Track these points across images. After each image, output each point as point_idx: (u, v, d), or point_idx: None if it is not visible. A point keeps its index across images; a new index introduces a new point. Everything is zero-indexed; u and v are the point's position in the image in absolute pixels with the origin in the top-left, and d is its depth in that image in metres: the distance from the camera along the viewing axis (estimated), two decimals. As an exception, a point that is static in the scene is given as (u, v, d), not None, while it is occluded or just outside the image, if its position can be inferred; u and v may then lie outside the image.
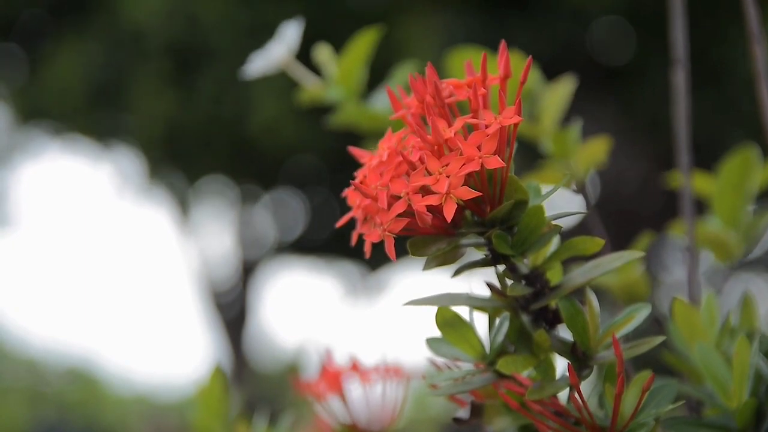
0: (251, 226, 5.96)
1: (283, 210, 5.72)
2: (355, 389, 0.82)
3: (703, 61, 3.82)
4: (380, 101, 0.91)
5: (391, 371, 0.82)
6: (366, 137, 0.91)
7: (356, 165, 0.60)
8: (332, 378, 0.81)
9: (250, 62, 0.90)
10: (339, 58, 0.91)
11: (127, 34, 4.22)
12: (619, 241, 0.91)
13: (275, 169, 5.02)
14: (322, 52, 0.92)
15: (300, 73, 0.91)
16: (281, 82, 3.18)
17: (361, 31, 0.89)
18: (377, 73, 0.93)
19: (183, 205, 5.79)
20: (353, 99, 0.91)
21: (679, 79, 0.87)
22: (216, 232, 6.13)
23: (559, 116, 0.87)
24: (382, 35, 0.89)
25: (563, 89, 0.86)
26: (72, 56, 4.35)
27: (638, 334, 0.59)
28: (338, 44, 0.92)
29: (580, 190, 0.86)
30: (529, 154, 0.58)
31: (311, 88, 0.91)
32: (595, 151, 0.87)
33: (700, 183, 0.89)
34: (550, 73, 0.88)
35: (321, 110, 0.94)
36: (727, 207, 0.85)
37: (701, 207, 0.90)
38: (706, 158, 1.09)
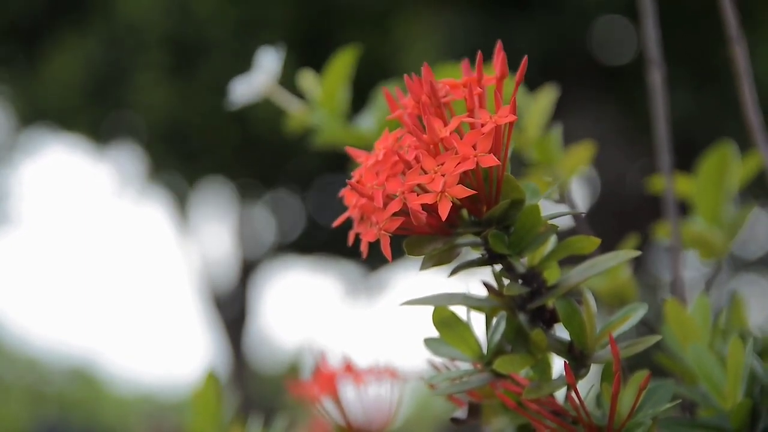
0: (251, 225, 5.95)
1: (284, 210, 5.72)
2: (350, 390, 0.82)
3: (706, 62, 3.82)
4: (365, 122, 0.90)
5: (386, 372, 0.82)
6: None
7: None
8: (326, 380, 0.80)
9: (233, 90, 0.90)
10: (321, 78, 0.90)
11: (124, 30, 4.23)
12: (620, 242, 0.91)
13: (276, 167, 5.01)
14: (306, 78, 0.91)
15: (284, 98, 0.91)
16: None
17: (353, 37, 0.88)
18: (378, 74, 0.93)
19: (183, 205, 5.79)
20: (337, 119, 0.90)
21: (655, 78, 0.86)
22: (216, 232, 6.13)
23: (543, 125, 0.87)
24: (380, 35, 0.89)
25: (545, 99, 0.87)
26: (71, 54, 4.35)
27: (626, 335, 0.59)
28: (336, 44, 0.92)
29: (565, 197, 0.86)
30: (513, 162, 0.58)
31: (297, 113, 0.91)
32: (580, 157, 0.87)
33: (683, 184, 0.89)
34: (550, 72, 0.88)
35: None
36: (709, 205, 0.85)
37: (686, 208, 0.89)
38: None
